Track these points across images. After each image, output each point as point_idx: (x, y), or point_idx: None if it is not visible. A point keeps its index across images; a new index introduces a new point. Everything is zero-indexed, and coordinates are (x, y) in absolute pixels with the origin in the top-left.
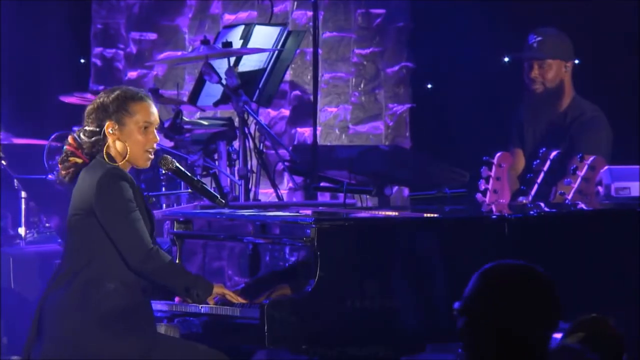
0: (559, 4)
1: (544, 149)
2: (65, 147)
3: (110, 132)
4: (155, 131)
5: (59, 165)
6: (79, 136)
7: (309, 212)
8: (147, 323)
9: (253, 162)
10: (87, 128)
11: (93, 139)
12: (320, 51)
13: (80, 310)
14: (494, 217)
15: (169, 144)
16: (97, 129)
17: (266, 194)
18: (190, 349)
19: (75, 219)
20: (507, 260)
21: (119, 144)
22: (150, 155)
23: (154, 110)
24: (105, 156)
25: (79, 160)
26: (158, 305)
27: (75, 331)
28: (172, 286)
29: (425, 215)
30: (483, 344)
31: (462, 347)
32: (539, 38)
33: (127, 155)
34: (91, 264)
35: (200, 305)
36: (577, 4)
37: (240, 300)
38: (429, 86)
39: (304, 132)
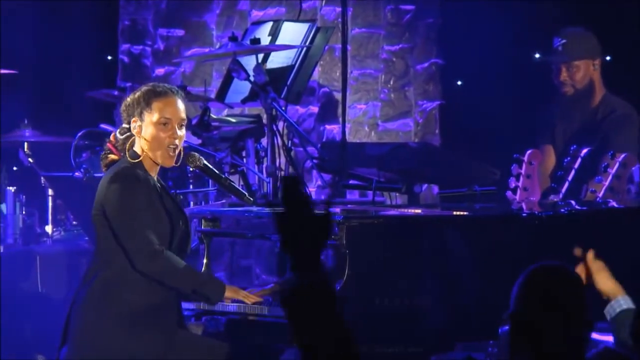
0: None
1: (574, 146)
2: (106, 144)
3: (134, 128)
4: (176, 127)
5: (101, 162)
6: (117, 133)
7: (337, 209)
8: (168, 322)
9: (281, 160)
10: (122, 125)
11: (124, 136)
12: (349, 47)
13: (98, 308)
14: (524, 215)
15: (196, 141)
16: (128, 126)
17: None
18: (214, 349)
19: (96, 216)
20: (547, 262)
21: (141, 141)
22: (171, 153)
23: (179, 106)
24: (127, 153)
25: (115, 157)
26: (185, 304)
27: (92, 328)
28: (178, 288)
29: (454, 213)
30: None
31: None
32: (563, 41)
33: (145, 152)
34: (112, 261)
35: (228, 304)
36: None
37: (256, 298)
38: (459, 83)
39: (333, 129)
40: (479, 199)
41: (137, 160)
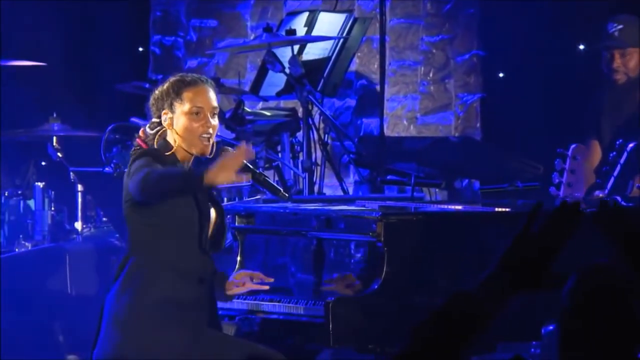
0: None
1: (620, 140)
2: (136, 139)
3: (165, 121)
4: (209, 116)
5: (131, 157)
6: (146, 128)
7: (375, 206)
8: (198, 320)
9: (317, 154)
10: (152, 120)
11: (155, 130)
12: (387, 39)
13: (127, 298)
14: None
15: (230, 135)
16: (158, 120)
17: (331, 187)
18: (244, 349)
19: (125, 207)
20: (600, 260)
21: (173, 133)
22: (206, 142)
23: (210, 95)
24: (155, 144)
25: None
26: (218, 304)
27: (120, 321)
28: (167, 189)
29: (496, 209)
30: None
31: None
32: (620, 26)
33: (178, 145)
34: (144, 254)
35: (262, 303)
36: None
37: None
38: (501, 75)
39: (371, 123)
40: (521, 195)
41: (169, 153)
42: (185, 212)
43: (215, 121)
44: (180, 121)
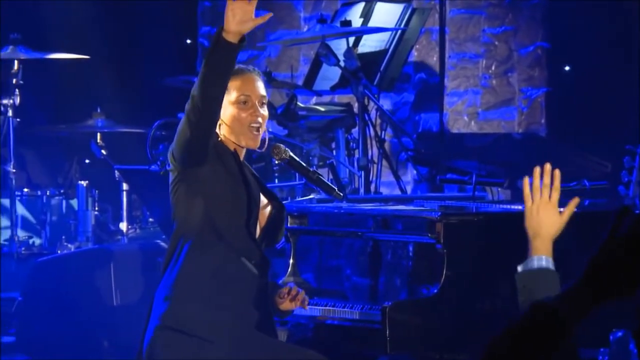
0: None
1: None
2: None
3: None
4: (257, 105)
5: None
6: None
7: (434, 205)
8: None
9: (374, 152)
10: None
11: None
12: (447, 30)
13: (166, 287)
14: (638, 211)
15: (282, 131)
16: None
17: (388, 186)
18: (297, 353)
19: (172, 190)
20: None
21: (221, 126)
22: (255, 132)
23: (258, 83)
24: None
25: None
26: None
27: (168, 296)
28: (205, 82)
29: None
30: None
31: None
32: None
33: (226, 137)
34: (188, 234)
35: (315, 308)
36: None
37: None
38: (567, 68)
39: (430, 119)
40: (588, 194)
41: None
42: (231, 188)
43: (264, 111)
44: (227, 111)
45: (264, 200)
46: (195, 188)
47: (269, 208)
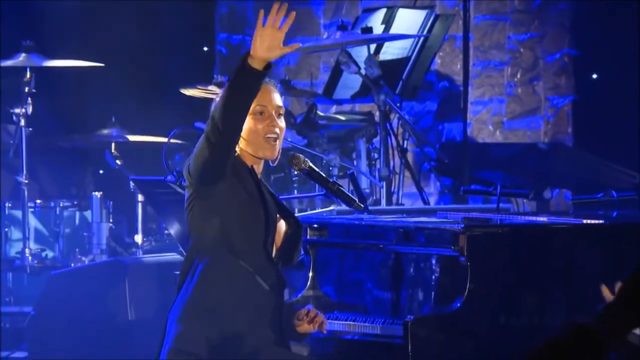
0: None
1: None
2: None
3: None
4: (274, 116)
5: None
6: None
7: (458, 217)
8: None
9: (396, 162)
10: None
11: None
12: (471, 37)
13: (179, 307)
14: None
15: (301, 141)
16: None
17: (410, 197)
18: None
19: (187, 206)
20: None
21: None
22: (272, 143)
23: (273, 95)
24: None
25: None
26: None
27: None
28: (226, 106)
29: (587, 221)
30: None
31: None
32: None
33: (242, 149)
34: (204, 252)
35: (335, 322)
36: None
37: None
38: (594, 76)
39: (453, 128)
40: (616, 205)
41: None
42: (248, 207)
43: (281, 122)
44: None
45: (280, 218)
46: (211, 206)
47: (285, 227)
